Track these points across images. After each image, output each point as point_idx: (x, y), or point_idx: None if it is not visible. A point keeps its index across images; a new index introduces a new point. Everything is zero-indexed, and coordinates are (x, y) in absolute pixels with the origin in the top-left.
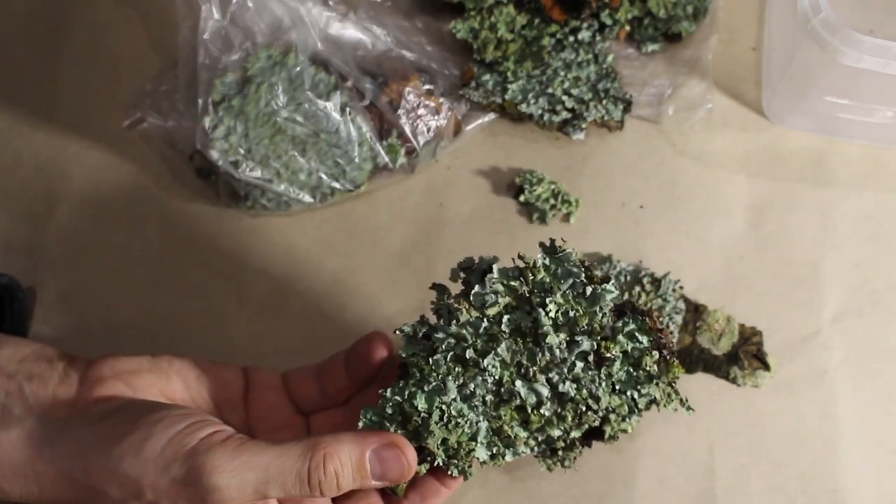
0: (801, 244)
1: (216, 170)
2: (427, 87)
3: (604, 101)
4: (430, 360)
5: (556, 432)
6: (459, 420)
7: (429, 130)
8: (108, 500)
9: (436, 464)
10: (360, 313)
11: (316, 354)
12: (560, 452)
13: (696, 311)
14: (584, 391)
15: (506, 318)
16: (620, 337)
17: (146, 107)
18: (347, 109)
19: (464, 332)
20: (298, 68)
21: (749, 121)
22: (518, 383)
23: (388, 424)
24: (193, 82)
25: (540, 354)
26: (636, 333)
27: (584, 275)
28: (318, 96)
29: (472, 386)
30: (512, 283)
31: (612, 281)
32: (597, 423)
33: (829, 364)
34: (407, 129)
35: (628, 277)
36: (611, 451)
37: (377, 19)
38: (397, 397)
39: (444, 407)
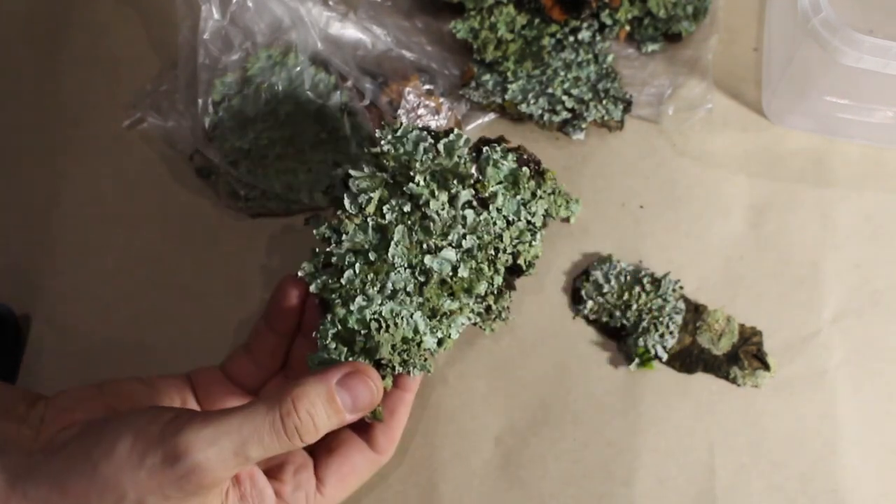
0: (801, 244)
1: (216, 170)
2: (427, 87)
3: (604, 101)
4: (341, 281)
5: (482, 287)
6: (396, 320)
7: None
8: None
9: (396, 372)
10: None
11: None
12: (494, 307)
13: (696, 311)
14: (486, 236)
15: (385, 208)
16: (488, 170)
17: (146, 107)
18: (347, 109)
19: (357, 239)
20: (298, 68)
21: (749, 121)
22: (427, 258)
23: (336, 358)
24: (193, 82)
25: (431, 224)
26: (498, 161)
27: (429, 136)
28: (318, 96)
29: (389, 284)
30: (374, 174)
31: (455, 130)
32: (510, 262)
33: (830, 364)
34: None
35: (628, 277)
36: (611, 451)
37: (377, 19)
38: (331, 330)
39: (377, 316)
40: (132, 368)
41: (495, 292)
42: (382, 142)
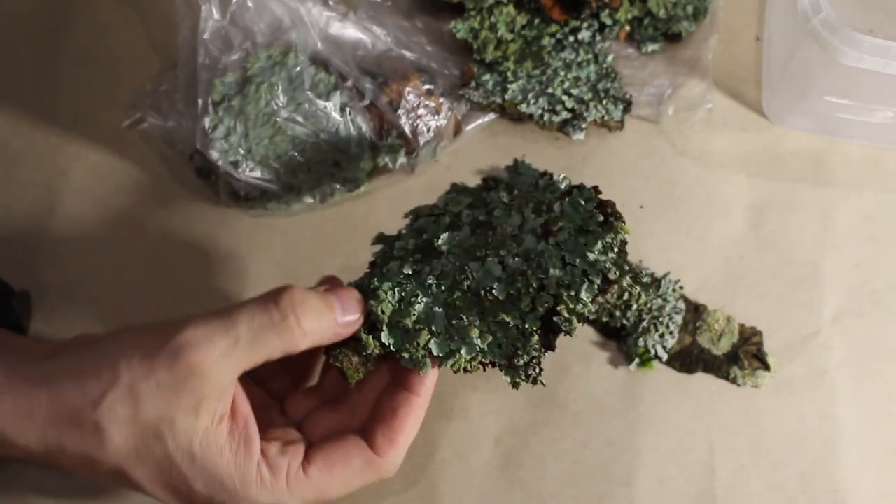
0: (801, 244)
1: (216, 170)
2: (427, 87)
3: (604, 101)
4: (393, 249)
5: (510, 319)
6: (413, 299)
7: (429, 130)
8: (77, 407)
9: (386, 348)
10: None
11: None
12: (520, 353)
13: (696, 311)
14: (534, 264)
15: (464, 212)
16: (566, 206)
17: (146, 107)
18: (347, 109)
19: (424, 223)
20: (298, 68)
21: (749, 121)
22: (471, 264)
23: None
24: (193, 82)
25: (492, 233)
26: (580, 200)
27: (537, 174)
28: (318, 96)
29: (427, 269)
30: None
31: (563, 174)
32: (551, 305)
33: (830, 364)
34: (407, 129)
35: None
36: (611, 451)
37: (377, 19)
38: (360, 284)
39: (397, 286)
40: None
41: (524, 332)
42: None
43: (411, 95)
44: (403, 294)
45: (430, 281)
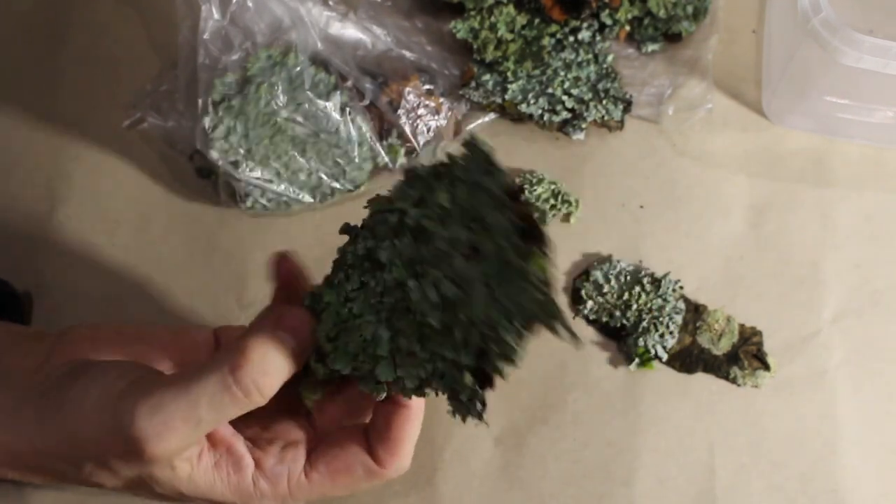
0: (801, 244)
1: (216, 170)
2: (427, 87)
3: (604, 101)
4: (354, 246)
5: (446, 352)
6: (358, 319)
7: (429, 130)
8: (64, 467)
9: (337, 372)
10: None
11: None
12: (464, 395)
13: (696, 311)
14: (462, 292)
15: (411, 211)
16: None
17: (146, 107)
18: (347, 109)
19: (377, 222)
20: (298, 68)
21: (749, 121)
22: (410, 282)
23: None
24: (193, 82)
25: (429, 246)
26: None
27: (484, 161)
28: (318, 96)
29: (372, 283)
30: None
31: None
32: (478, 343)
33: (830, 364)
34: (407, 129)
35: (628, 277)
36: (611, 451)
37: (377, 19)
38: (315, 297)
39: (346, 302)
40: None
41: (459, 369)
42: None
43: (411, 95)
44: (350, 312)
45: (373, 298)
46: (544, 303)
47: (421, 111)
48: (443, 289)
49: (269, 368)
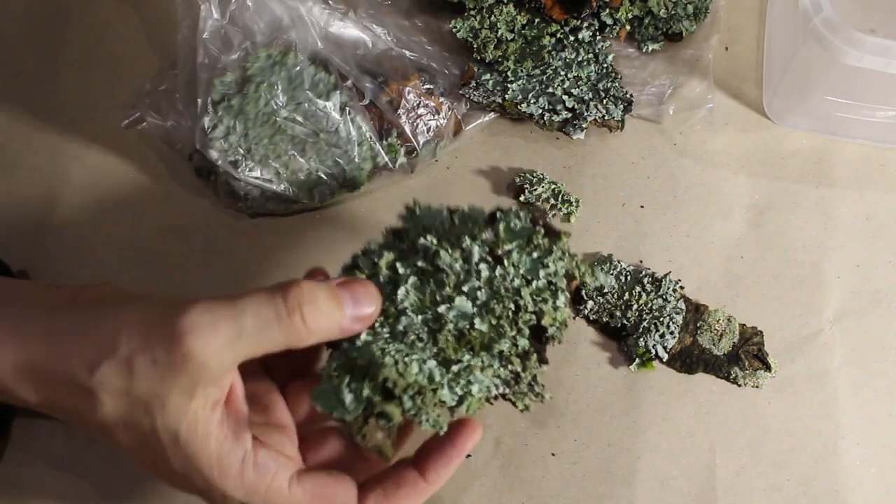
0: (802, 244)
1: (215, 169)
2: (427, 86)
3: (604, 101)
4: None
5: (503, 345)
6: (405, 360)
7: (429, 130)
8: (73, 370)
9: (406, 413)
10: None
11: None
12: (523, 375)
13: (696, 312)
14: (503, 290)
15: (398, 264)
16: (501, 228)
17: (145, 106)
18: (347, 109)
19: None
20: (298, 68)
21: (750, 120)
22: (441, 308)
23: (337, 385)
24: (193, 82)
25: (444, 276)
26: (511, 221)
27: (445, 212)
28: (317, 96)
29: (400, 326)
30: (390, 247)
31: (469, 207)
32: (534, 321)
33: (831, 364)
34: (407, 129)
35: (628, 277)
36: (611, 451)
37: (377, 18)
38: (335, 362)
39: (386, 349)
40: None
41: (521, 355)
42: (402, 223)
43: (411, 95)
44: (393, 355)
45: (410, 339)
46: (575, 264)
47: (421, 111)
48: (478, 296)
49: (319, 303)
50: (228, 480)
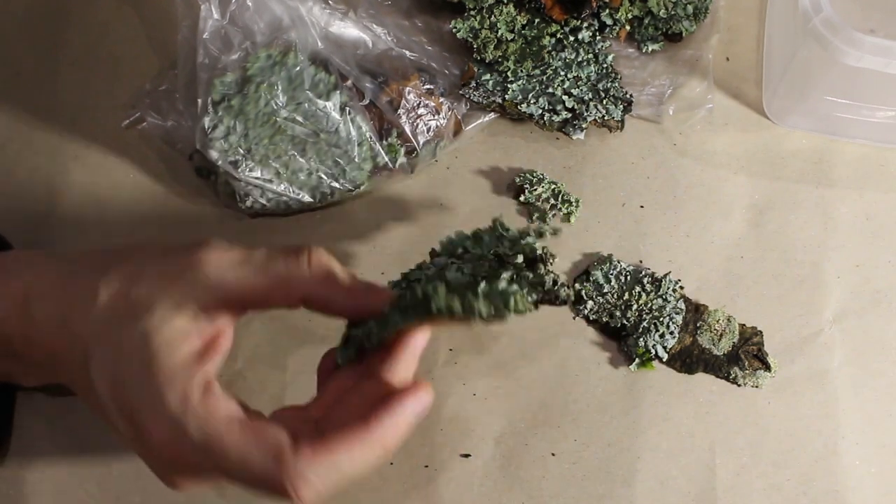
0: (802, 244)
1: (216, 169)
2: (427, 86)
3: (604, 101)
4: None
5: (508, 271)
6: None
7: (429, 130)
8: (87, 277)
9: (459, 311)
10: None
11: (316, 356)
12: (546, 280)
13: (696, 311)
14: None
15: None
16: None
17: (145, 106)
18: (347, 109)
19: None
20: (298, 68)
21: (750, 120)
22: (452, 268)
23: (358, 334)
24: (193, 82)
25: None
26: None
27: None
28: (317, 96)
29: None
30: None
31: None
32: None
33: (831, 364)
34: (407, 129)
35: (628, 277)
36: (611, 451)
37: (377, 18)
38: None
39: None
40: None
41: (527, 265)
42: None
43: (411, 95)
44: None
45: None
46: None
47: (421, 111)
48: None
49: (323, 253)
50: (173, 394)
